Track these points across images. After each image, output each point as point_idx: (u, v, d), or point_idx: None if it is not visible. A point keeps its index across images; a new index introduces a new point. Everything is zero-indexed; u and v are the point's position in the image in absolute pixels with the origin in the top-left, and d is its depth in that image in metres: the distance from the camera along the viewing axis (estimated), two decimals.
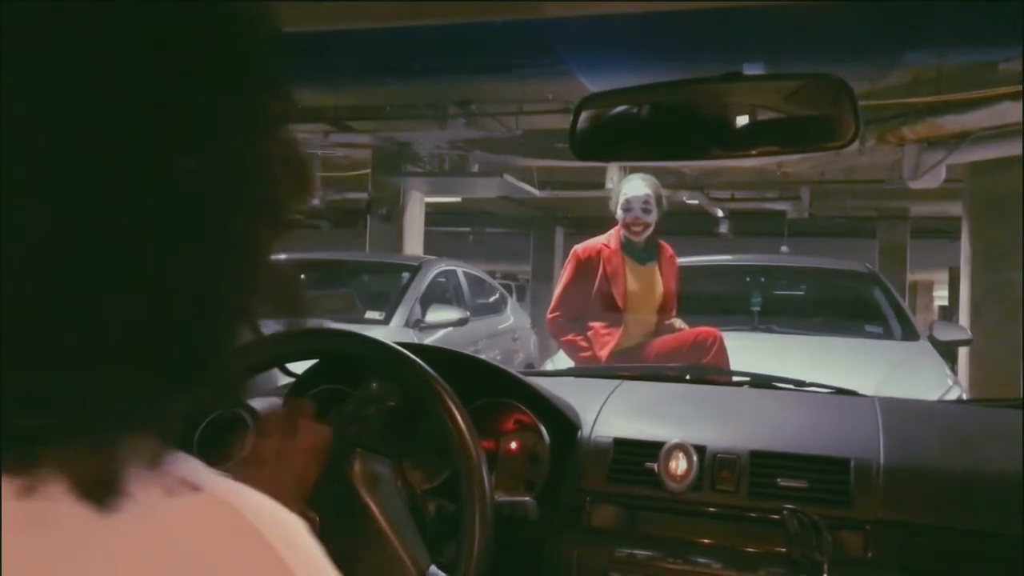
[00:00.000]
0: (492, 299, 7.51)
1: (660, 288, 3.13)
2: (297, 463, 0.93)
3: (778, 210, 11.89)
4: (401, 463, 1.13)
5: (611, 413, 1.35)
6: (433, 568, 0.94)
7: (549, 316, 3.15)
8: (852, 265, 5.23)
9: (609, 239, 3.13)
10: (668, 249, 3.23)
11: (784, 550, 1.09)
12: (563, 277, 3.17)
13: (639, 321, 3.10)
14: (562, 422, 1.27)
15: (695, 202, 11.13)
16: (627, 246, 3.12)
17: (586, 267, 3.08)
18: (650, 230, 3.06)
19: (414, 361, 1.03)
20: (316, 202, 11.87)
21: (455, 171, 9.12)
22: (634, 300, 3.08)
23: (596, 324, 3.05)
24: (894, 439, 1.24)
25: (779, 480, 1.17)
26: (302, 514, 0.94)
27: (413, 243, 9.64)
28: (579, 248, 3.15)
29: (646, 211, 3.04)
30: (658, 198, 3.07)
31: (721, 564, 1.12)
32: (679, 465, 1.19)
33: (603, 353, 2.99)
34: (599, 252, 3.09)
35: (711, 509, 1.17)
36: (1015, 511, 1.06)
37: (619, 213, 3.09)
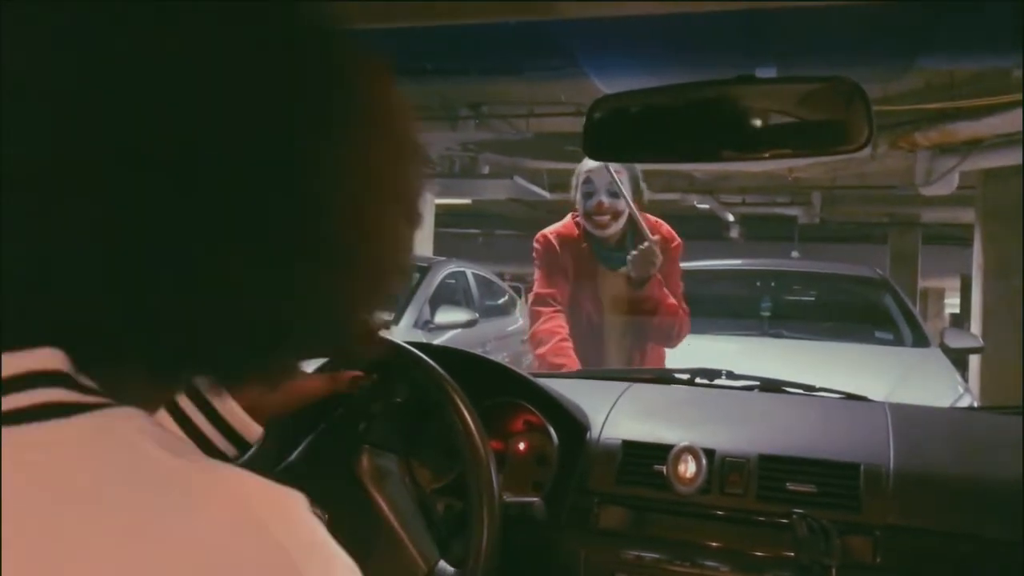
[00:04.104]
0: (501, 301, 7.52)
1: (642, 298, 2.32)
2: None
3: (789, 215, 11.87)
4: (409, 461, 1.13)
5: (620, 415, 1.35)
6: (442, 563, 0.94)
7: (531, 307, 2.42)
8: (863, 271, 5.22)
9: (560, 232, 2.40)
10: (657, 228, 2.39)
11: (793, 554, 1.09)
12: (536, 274, 2.44)
13: (622, 343, 2.39)
14: (571, 423, 1.27)
15: (705, 206, 11.12)
16: (596, 245, 2.36)
17: (548, 261, 2.38)
18: (620, 222, 2.31)
19: (424, 360, 1.03)
20: None
21: (465, 173, 9.13)
22: (613, 322, 2.37)
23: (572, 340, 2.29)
24: (904, 445, 1.23)
25: (788, 484, 1.17)
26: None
27: (423, 244, 9.65)
28: (536, 240, 2.44)
29: (614, 194, 2.27)
30: (632, 179, 2.32)
31: (729, 567, 1.12)
32: (688, 468, 1.19)
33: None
34: (553, 248, 2.38)
35: (719, 512, 1.17)
36: None
37: (578, 199, 2.35)
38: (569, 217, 2.46)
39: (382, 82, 0.46)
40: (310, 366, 1.36)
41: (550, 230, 2.45)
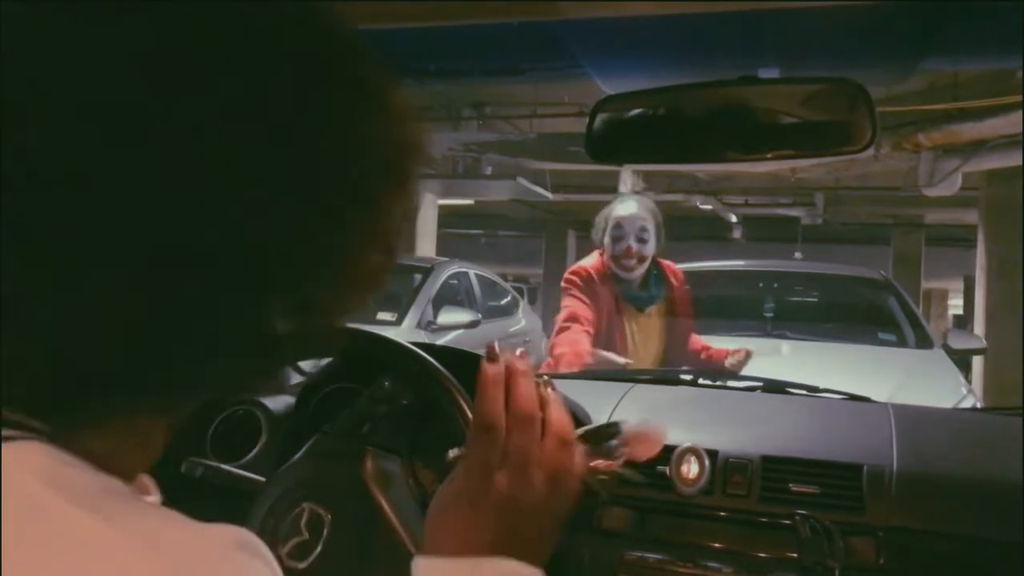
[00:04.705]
0: (504, 301, 7.52)
1: (665, 336, 2.54)
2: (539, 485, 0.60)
3: (792, 216, 11.86)
4: (412, 462, 1.13)
5: (623, 416, 1.34)
6: None
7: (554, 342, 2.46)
8: (866, 272, 5.20)
9: (596, 268, 2.51)
10: (677, 273, 2.63)
11: (796, 555, 1.09)
12: (565, 308, 2.51)
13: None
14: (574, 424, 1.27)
15: (708, 207, 11.12)
16: (620, 285, 2.51)
17: (586, 293, 2.48)
18: (645, 265, 2.49)
19: (427, 361, 1.03)
20: None
21: (468, 173, 9.14)
22: (638, 356, 2.49)
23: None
24: (907, 446, 1.23)
25: (791, 485, 1.17)
26: (313, 511, 0.95)
27: (426, 245, 9.66)
28: (572, 272, 2.55)
29: (642, 240, 2.46)
30: (657, 226, 2.50)
31: (732, 568, 1.12)
32: (691, 469, 1.19)
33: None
34: (593, 282, 2.48)
35: (722, 513, 1.17)
36: None
37: (606, 241, 2.50)
38: (597, 254, 2.56)
39: (391, 91, 0.45)
40: (310, 367, 1.37)
41: (587, 264, 2.55)
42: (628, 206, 2.51)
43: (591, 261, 2.57)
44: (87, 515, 0.34)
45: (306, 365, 1.43)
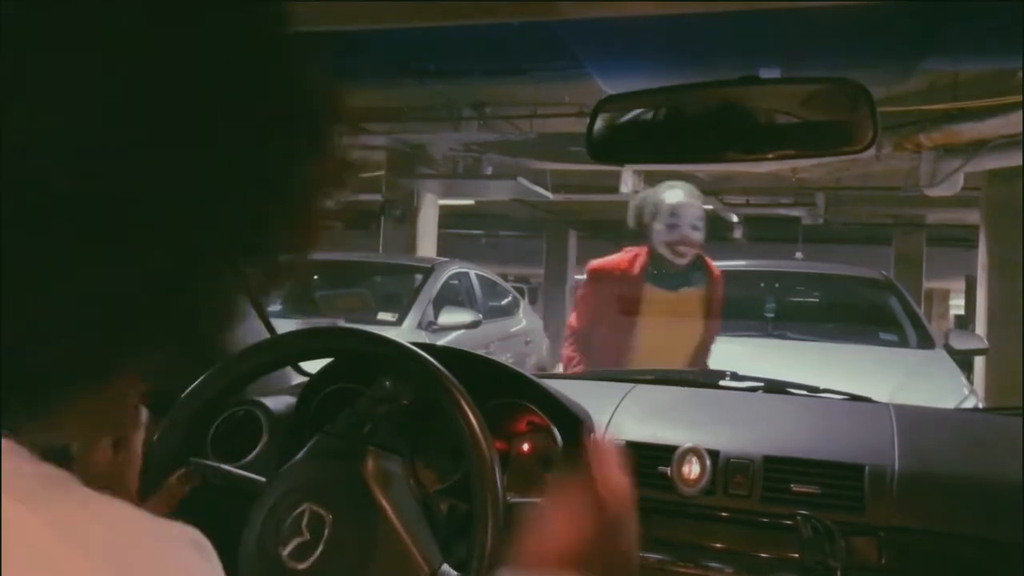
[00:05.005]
0: (505, 302, 7.51)
1: (702, 319, 2.60)
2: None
3: (793, 216, 11.85)
4: (413, 462, 1.13)
5: (624, 416, 1.34)
6: (445, 567, 0.94)
7: (566, 342, 2.66)
8: (867, 272, 5.20)
9: (630, 262, 2.59)
10: (715, 268, 2.69)
11: (797, 555, 1.09)
12: (579, 298, 2.70)
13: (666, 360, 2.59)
14: (575, 424, 1.27)
15: (709, 207, 11.12)
16: (657, 270, 2.56)
17: (604, 287, 2.61)
18: (695, 252, 2.56)
19: (428, 361, 1.03)
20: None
21: (469, 173, 9.14)
22: (657, 339, 2.57)
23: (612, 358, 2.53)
24: (908, 446, 1.23)
25: (793, 485, 1.17)
26: (314, 511, 0.95)
27: (426, 245, 9.66)
28: (595, 264, 2.67)
29: (696, 228, 2.51)
30: (705, 214, 2.59)
31: (733, 569, 1.12)
32: (692, 469, 1.19)
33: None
34: (616, 276, 2.59)
35: (724, 514, 1.17)
36: None
37: (657, 228, 2.51)
38: (636, 253, 2.61)
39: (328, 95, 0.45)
40: (313, 366, 1.37)
41: (625, 266, 2.62)
42: (678, 194, 2.52)
43: (614, 258, 2.64)
44: (15, 504, 0.34)
45: (307, 366, 1.43)
